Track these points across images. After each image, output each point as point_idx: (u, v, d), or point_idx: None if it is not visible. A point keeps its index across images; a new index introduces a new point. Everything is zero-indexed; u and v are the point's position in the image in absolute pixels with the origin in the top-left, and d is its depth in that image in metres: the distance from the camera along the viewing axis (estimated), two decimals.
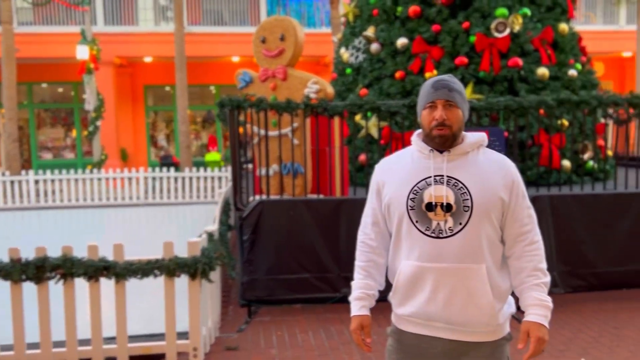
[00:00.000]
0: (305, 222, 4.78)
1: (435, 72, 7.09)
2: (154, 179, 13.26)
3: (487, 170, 1.80)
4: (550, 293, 4.93)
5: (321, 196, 5.30)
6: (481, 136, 1.85)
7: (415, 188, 1.79)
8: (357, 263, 1.94)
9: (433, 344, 1.81)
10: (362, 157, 6.86)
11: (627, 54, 18.55)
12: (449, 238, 1.74)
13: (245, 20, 17.25)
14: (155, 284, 3.91)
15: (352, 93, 7.99)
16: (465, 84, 6.99)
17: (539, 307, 1.77)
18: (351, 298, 1.92)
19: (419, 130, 1.91)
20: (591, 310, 4.76)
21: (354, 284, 1.93)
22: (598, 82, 7.73)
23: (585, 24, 17.37)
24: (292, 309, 4.93)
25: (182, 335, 3.86)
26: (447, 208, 1.74)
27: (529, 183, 5.95)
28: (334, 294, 4.83)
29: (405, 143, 6.41)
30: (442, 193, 1.75)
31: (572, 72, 7.23)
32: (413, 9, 7.33)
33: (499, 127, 5.83)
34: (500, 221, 1.81)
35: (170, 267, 3.65)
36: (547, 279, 1.83)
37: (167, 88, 18.53)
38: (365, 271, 1.91)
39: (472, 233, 1.73)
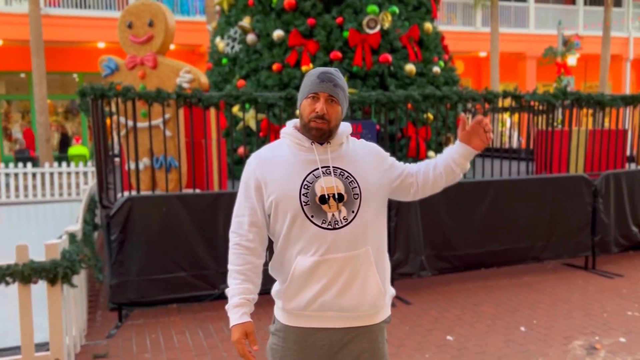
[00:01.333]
0: (181, 219, 4.57)
1: (311, 65, 7.17)
2: (7, 175, 11.92)
3: (362, 155, 1.85)
4: (418, 276, 5.16)
5: (197, 191, 5.11)
6: (348, 126, 1.88)
7: (306, 182, 1.75)
8: (233, 267, 1.82)
9: (320, 337, 1.80)
10: (241, 150, 6.75)
11: (482, 54, 20.37)
12: (344, 228, 1.74)
13: (111, 4, 16.09)
14: (10, 292, 3.50)
15: (228, 84, 7.81)
16: None
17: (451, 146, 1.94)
18: (229, 306, 1.79)
19: (293, 121, 1.88)
20: (455, 290, 5.15)
21: (230, 290, 1.81)
22: (459, 79, 8.36)
23: (447, 25, 18.75)
24: (168, 309, 4.71)
25: (43, 346, 3.50)
26: (339, 198, 1.74)
27: None
28: (212, 291, 4.69)
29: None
30: (332, 184, 1.75)
31: (436, 69, 7.74)
32: (288, 1, 7.34)
33: (372, 120, 6.06)
34: (390, 193, 1.90)
35: (24, 273, 3.28)
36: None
37: (22, 75, 16.74)
38: (244, 275, 1.80)
39: (362, 219, 1.76)
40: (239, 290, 1.79)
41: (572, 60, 18.14)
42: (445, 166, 1.90)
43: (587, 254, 5.80)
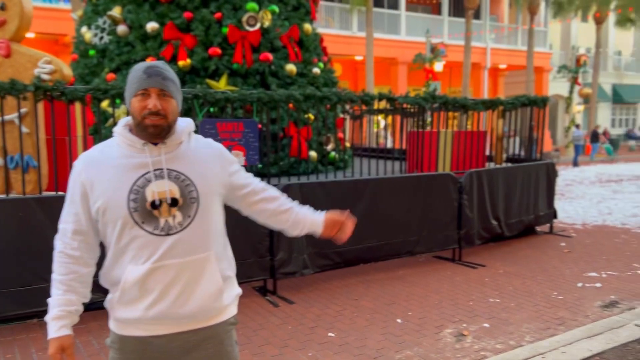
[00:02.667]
0: (40, 224, 4.12)
1: (188, 60, 6.90)
2: None
3: (203, 156, 1.76)
4: (301, 274, 5.18)
5: (60, 193, 4.65)
6: (189, 122, 1.78)
7: (135, 187, 1.63)
8: (55, 276, 1.69)
9: (159, 344, 1.70)
10: None
11: (359, 58, 21.20)
12: (179, 233, 1.66)
13: None
14: None
15: (97, 77, 7.25)
16: (220, 75, 6.99)
17: (316, 212, 1.91)
18: (48, 318, 1.66)
19: (125, 120, 1.74)
20: (336, 287, 5.25)
21: (51, 300, 1.67)
22: (337, 81, 8.59)
23: (325, 28, 19.22)
24: (27, 325, 4.23)
25: None
26: (173, 203, 1.65)
27: (281, 172, 6.27)
28: None
29: None
30: (165, 188, 1.65)
31: (316, 70, 7.87)
32: None
33: (253, 119, 5.98)
34: (227, 198, 1.84)
35: None
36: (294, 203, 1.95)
37: None
38: (66, 285, 1.67)
39: (200, 223, 1.69)
40: (60, 302, 1.67)
41: (438, 66, 19.59)
42: (295, 222, 1.90)
43: (455, 246, 6.24)
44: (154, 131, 1.64)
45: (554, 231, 7.80)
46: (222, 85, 6.72)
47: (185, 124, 1.75)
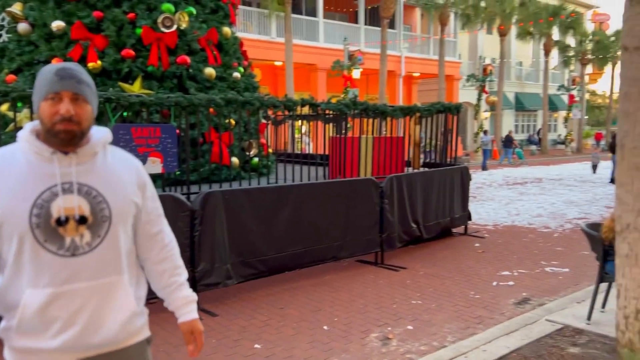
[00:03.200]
0: None
1: (99, 62, 6.51)
2: None
3: (119, 171, 1.61)
4: (224, 285, 5.02)
5: None
6: (107, 132, 1.63)
7: (40, 201, 1.46)
8: None
9: None
10: None
11: (278, 63, 21.16)
12: (87, 254, 1.51)
13: None
14: None
15: None
16: (134, 78, 6.65)
17: (190, 304, 1.78)
18: None
19: (32, 124, 1.56)
20: (261, 296, 5.14)
21: None
22: (258, 86, 8.47)
23: (243, 32, 19.01)
24: None
25: None
26: (82, 220, 1.49)
27: (202, 179, 6.06)
28: None
29: None
30: (74, 204, 1.49)
31: (236, 74, 7.71)
32: None
33: (171, 124, 5.73)
34: (133, 225, 1.68)
35: None
36: (186, 274, 1.82)
37: None
38: None
39: (111, 244, 1.55)
40: None
41: (356, 73, 20.01)
42: (166, 287, 1.77)
43: (377, 250, 6.34)
44: (65, 137, 1.48)
45: (469, 232, 8.16)
46: (136, 88, 6.40)
47: (101, 134, 1.60)
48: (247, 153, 7.05)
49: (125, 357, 1.62)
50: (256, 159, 7.33)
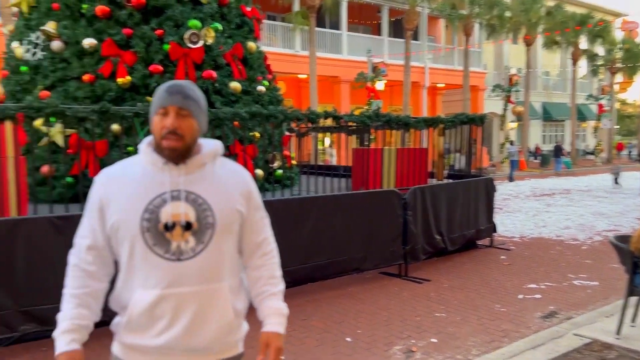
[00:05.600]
0: None
1: (128, 77, 6.70)
2: None
3: (226, 182, 1.68)
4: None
5: None
6: (217, 145, 1.70)
7: (150, 206, 1.57)
8: (68, 290, 1.62)
9: None
10: (45, 169, 5.96)
11: (302, 76, 21.36)
12: (191, 259, 1.58)
13: None
14: None
15: (29, 94, 6.90)
16: None
17: (277, 316, 1.75)
18: (57, 332, 1.57)
19: (150, 138, 1.67)
20: None
21: (61, 315, 1.59)
22: (282, 99, 8.59)
23: (268, 46, 19.26)
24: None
25: None
26: (187, 226, 1.57)
27: None
28: (11, 334, 4.01)
29: (97, 153, 5.84)
30: (181, 210, 1.57)
31: (261, 88, 7.83)
32: (101, 8, 6.79)
33: None
34: (238, 233, 1.73)
35: None
36: (282, 286, 1.82)
37: None
38: (79, 299, 1.60)
39: (214, 251, 1.61)
40: (71, 315, 1.59)
41: (380, 85, 20.07)
42: (252, 298, 1.78)
43: (401, 262, 6.32)
44: (170, 154, 1.58)
45: (494, 244, 8.07)
46: None
47: (211, 147, 1.68)
48: (271, 165, 7.14)
49: None
50: (280, 171, 7.41)
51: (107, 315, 1.71)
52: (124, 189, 1.61)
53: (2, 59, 7.98)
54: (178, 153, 1.59)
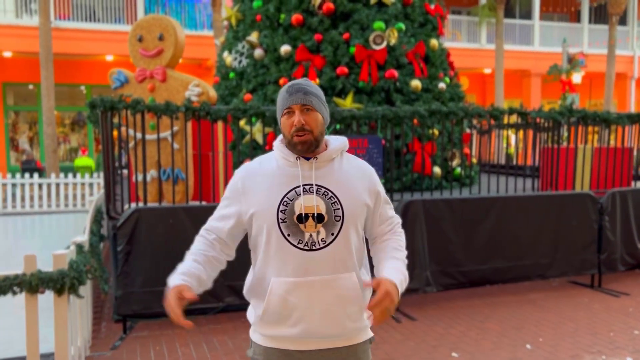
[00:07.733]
0: (187, 231, 4.58)
1: (317, 80, 7.23)
2: (14, 185, 12.00)
3: (353, 176, 1.76)
4: (423, 292, 5.14)
5: (204, 203, 5.13)
6: (343, 141, 1.80)
7: (285, 199, 1.68)
8: (191, 250, 1.77)
9: (303, 359, 1.75)
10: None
11: (487, 71, 20.46)
12: (321, 250, 1.67)
13: (120, 18, 16.31)
14: (16, 302, 3.52)
15: (235, 98, 7.88)
16: (346, 93, 7.23)
17: (395, 271, 1.73)
18: (171, 280, 1.69)
19: (281, 136, 1.81)
20: (460, 307, 5.12)
21: (178, 268, 1.72)
22: (464, 95, 8.41)
23: (452, 42, 18.87)
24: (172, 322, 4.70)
25: (48, 356, 3.51)
26: (319, 219, 1.67)
27: (404, 188, 6.29)
28: (217, 303, 4.69)
29: None
30: (313, 203, 1.67)
31: (442, 85, 7.79)
32: (296, 17, 7.43)
33: (377, 135, 6.09)
34: (365, 226, 1.82)
35: (32, 283, 3.29)
36: (404, 253, 1.84)
37: (31, 86, 16.91)
38: (196, 256, 1.74)
39: (343, 242, 1.70)
40: (188, 266, 1.71)
41: (577, 78, 18.23)
42: (376, 264, 1.82)
43: (593, 271, 5.77)
44: (303, 148, 1.69)
45: None
46: (348, 103, 6.95)
47: (338, 143, 1.79)
48: (450, 163, 7.06)
49: (353, 353, 1.77)
50: (459, 169, 7.29)
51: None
52: (261, 182, 1.72)
53: (214, 67, 9.23)
54: (309, 146, 1.69)
